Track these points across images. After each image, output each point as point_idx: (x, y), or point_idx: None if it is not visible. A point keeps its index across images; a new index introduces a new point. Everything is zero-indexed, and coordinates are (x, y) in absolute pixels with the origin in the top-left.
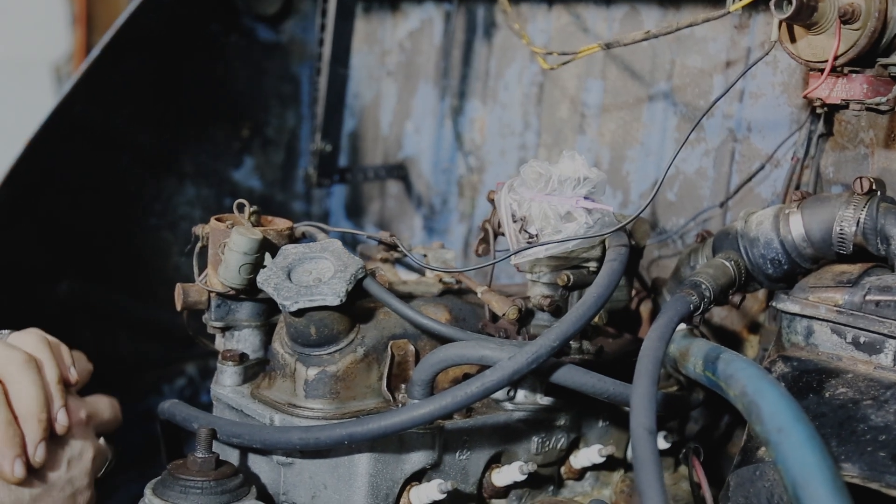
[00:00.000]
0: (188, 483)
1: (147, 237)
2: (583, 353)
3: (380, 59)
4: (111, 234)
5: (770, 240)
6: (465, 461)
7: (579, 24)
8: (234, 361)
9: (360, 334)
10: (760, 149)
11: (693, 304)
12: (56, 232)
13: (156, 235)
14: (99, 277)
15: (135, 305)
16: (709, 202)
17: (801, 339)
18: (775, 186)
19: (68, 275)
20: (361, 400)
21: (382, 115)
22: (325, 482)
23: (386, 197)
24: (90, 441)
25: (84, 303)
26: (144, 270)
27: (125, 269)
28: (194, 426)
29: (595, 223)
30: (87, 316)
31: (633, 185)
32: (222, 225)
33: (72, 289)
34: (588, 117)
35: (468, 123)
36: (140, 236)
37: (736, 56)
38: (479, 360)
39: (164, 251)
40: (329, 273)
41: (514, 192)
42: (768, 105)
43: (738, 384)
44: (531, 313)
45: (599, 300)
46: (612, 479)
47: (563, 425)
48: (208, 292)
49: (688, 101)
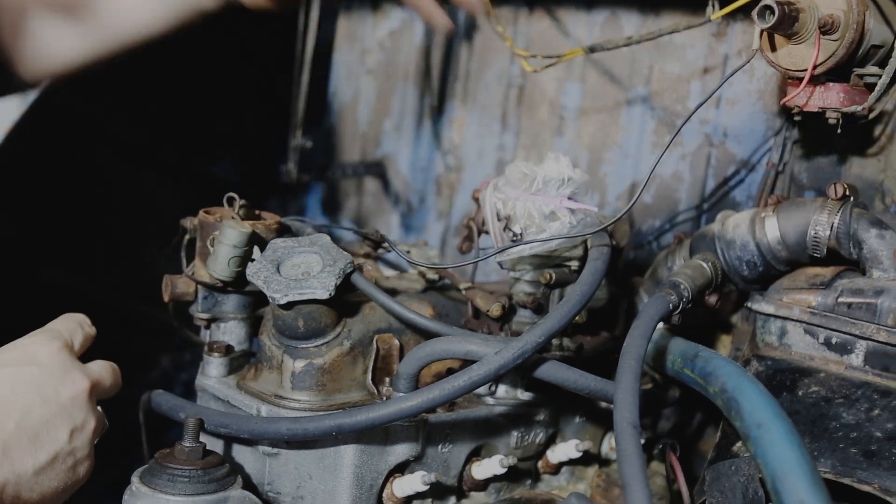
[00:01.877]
0: (176, 471)
1: (125, 229)
2: (564, 349)
3: (359, 58)
4: (90, 226)
5: (746, 242)
6: (447, 454)
7: (560, 28)
8: (220, 353)
9: (346, 328)
10: (736, 154)
11: (672, 303)
12: (35, 222)
13: (134, 227)
14: (77, 268)
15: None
16: (685, 205)
17: (774, 339)
18: (750, 190)
19: (47, 264)
20: (347, 392)
21: (361, 112)
22: (311, 472)
23: (363, 194)
24: (92, 411)
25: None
26: (122, 262)
27: (103, 260)
28: (181, 416)
29: (578, 223)
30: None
31: (611, 186)
32: (211, 218)
33: (50, 278)
34: (567, 120)
35: (447, 123)
36: (118, 228)
37: (713, 63)
38: (465, 355)
39: (143, 243)
40: (318, 267)
41: (498, 190)
42: (744, 111)
43: (718, 381)
44: (513, 310)
45: (583, 298)
46: (588, 473)
47: (541, 420)
48: (196, 284)
49: (665, 105)
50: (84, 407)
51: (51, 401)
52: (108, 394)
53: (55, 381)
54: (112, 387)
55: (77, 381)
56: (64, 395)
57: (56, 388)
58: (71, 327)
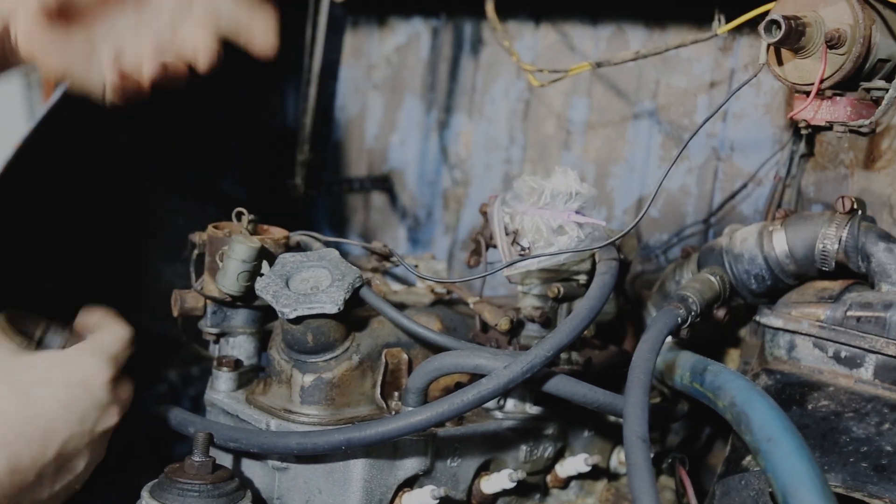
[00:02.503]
0: (185, 486)
1: (133, 243)
2: (572, 363)
3: (366, 73)
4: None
5: (754, 256)
6: (456, 468)
7: (566, 43)
8: (229, 367)
9: (355, 342)
10: (743, 167)
11: (681, 317)
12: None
13: (139, 242)
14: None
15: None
16: (692, 219)
17: (783, 352)
18: (757, 204)
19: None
20: (356, 407)
21: (368, 127)
22: (320, 487)
23: (370, 208)
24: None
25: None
26: (127, 276)
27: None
28: (191, 430)
29: (586, 237)
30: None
31: (618, 200)
32: (220, 233)
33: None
34: (573, 134)
35: (454, 137)
36: (126, 242)
37: (720, 77)
38: (474, 369)
39: (148, 258)
40: (326, 282)
41: (506, 205)
42: (751, 125)
43: (727, 395)
44: (521, 324)
45: (592, 312)
46: (596, 487)
47: (550, 434)
48: (205, 299)
49: (672, 119)
50: (105, 443)
51: (87, 433)
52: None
53: (98, 413)
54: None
55: (112, 417)
56: (98, 429)
57: (95, 422)
58: (123, 351)
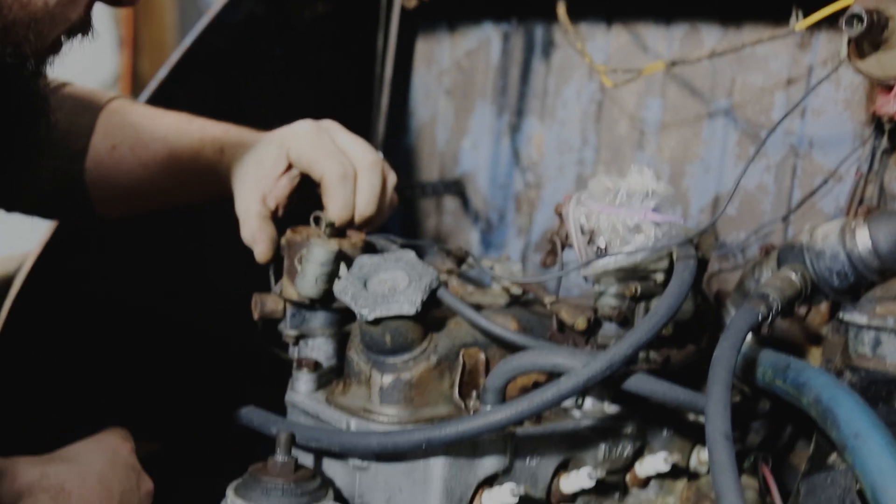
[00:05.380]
0: (269, 484)
1: (210, 249)
2: (650, 362)
3: (437, 78)
4: (176, 249)
5: (836, 253)
6: (535, 467)
7: (638, 43)
8: (309, 368)
9: (432, 343)
10: (822, 164)
11: (761, 314)
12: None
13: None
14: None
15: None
16: (770, 217)
17: (868, 349)
18: (838, 201)
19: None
20: (434, 406)
21: (439, 132)
22: (401, 485)
23: (443, 213)
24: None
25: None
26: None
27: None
28: (273, 430)
29: (663, 235)
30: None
31: (693, 200)
32: (298, 237)
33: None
34: (647, 134)
35: (525, 140)
36: (205, 248)
37: (797, 73)
38: (553, 368)
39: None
40: (404, 283)
41: (582, 204)
42: (830, 121)
43: (812, 391)
44: (599, 324)
45: (670, 310)
46: (676, 487)
47: (629, 433)
48: (284, 302)
49: (748, 117)
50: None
51: (136, 491)
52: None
53: (136, 475)
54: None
55: (148, 482)
56: (143, 489)
57: (138, 482)
58: (127, 435)
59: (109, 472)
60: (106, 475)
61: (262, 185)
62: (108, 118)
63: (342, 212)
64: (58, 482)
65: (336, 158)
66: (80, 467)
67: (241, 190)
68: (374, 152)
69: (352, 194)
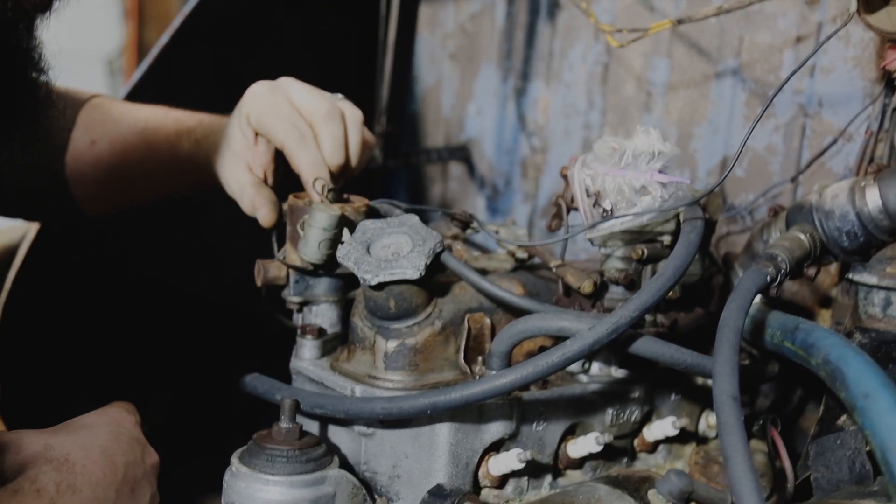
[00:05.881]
0: (274, 452)
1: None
2: (657, 325)
3: (441, 42)
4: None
5: (846, 212)
6: (542, 432)
7: (644, 2)
8: (313, 335)
9: (437, 308)
10: (832, 123)
11: (770, 275)
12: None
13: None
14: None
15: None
16: (779, 177)
17: (878, 310)
18: (847, 161)
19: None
20: (439, 372)
21: (444, 97)
22: (406, 452)
23: (448, 179)
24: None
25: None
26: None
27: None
28: (277, 397)
29: (669, 197)
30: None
31: (701, 162)
32: (300, 202)
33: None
34: (654, 95)
35: (531, 104)
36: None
37: (806, 31)
38: (558, 332)
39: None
40: (407, 247)
41: (587, 166)
42: (840, 79)
43: (821, 352)
44: (605, 287)
45: (677, 272)
46: (685, 451)
47: (637, 398)
48: (287, 268)
49: (757, 77)
50: (155, 478)
51: (140, 463)
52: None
53: (141, 448)
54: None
55: (153, 454)
56: (148, 462)
57: (143, 454)
58: (131, 409)
59: (114, 444)
60: (110, 447)
61: (243, 157)
62: (88, 114)
63: (313, 169)
64: (62, 454)
65: (289, 121)
66: (84, 439)
67: (224, 172)
68: (327, 100)
69: (315, 150)
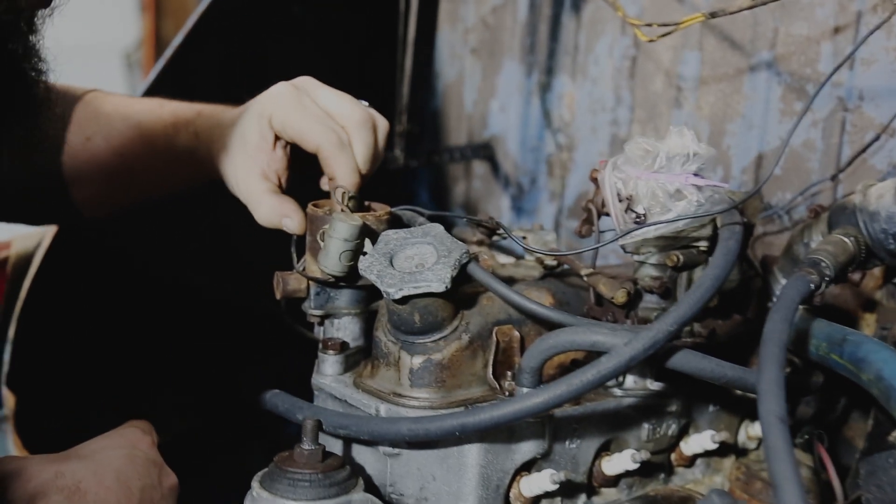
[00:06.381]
0: (296, 476)
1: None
2: (695, 335)
3: (462, 37)
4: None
5: (892, 214)
6: (575, 450)
7: None
8: (335, 350)
9: (464, 321)
10: (874, 118)
11: (814, 283)
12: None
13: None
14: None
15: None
16: (817, 175)
17: None
18: (891, 157)
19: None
20: (467, 388)
21: (466, 93)
22: (434, 473)
23: (472, 178)
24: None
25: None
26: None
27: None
28: (299, 417)
29: (706, 201)
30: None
31: (735, 159)
32: (320, 211)
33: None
34: (685, 90)
35: (556, 100)
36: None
37: (845, 21)
38: (592, 346)
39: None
40: (432, 258)
41: (618, 169)
42: (882, 72)
43: (872, 368)
44: (639, 296)
45: (717, 281)
46: (724, 465)
47: (673, 411)
48: (307, 280)
49: (793, 70)
50: (174, 500)
51: (157, 487)
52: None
53: (158, 470)
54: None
55: (172, 476)
56: (166, 484)
57: (160, 477)
58: (148, 428)
59: (128, 467)
60: (125, 471)
61: (258, 162)
62: (83, 109)
63: (350, 178)
64: (73, 481)
65: (325, 125)
66: (96, 465)
67: (234, 173)
68: (360, 107)
69: (352, 159)
